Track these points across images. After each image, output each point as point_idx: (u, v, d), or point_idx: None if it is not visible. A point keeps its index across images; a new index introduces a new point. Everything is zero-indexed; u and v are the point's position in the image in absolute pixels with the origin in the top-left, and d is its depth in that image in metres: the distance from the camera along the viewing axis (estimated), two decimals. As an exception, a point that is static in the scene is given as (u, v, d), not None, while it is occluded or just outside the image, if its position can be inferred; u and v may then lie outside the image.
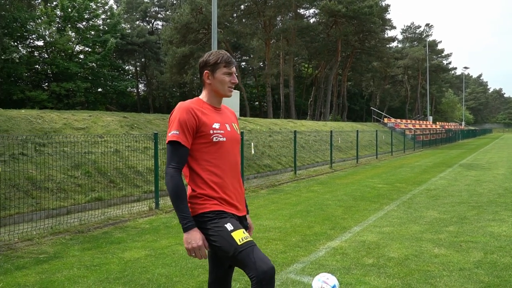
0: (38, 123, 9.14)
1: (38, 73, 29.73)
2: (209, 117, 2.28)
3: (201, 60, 2.38)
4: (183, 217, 2.12)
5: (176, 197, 2.12)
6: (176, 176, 2.15)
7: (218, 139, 2.26)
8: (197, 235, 2.12)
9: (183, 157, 2.20)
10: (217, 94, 2.36)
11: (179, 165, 2.18)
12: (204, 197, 2.23)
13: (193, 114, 2.22)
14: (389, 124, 37.57)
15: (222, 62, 2.31)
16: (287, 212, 7.50)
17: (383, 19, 41.85)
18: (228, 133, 2.33)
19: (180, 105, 2.28)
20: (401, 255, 4.82)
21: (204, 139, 2.25)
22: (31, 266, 4.56)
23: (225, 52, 2.36)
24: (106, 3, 33.72)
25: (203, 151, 2.26)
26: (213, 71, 2.32)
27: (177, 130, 2.19)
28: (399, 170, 14.86)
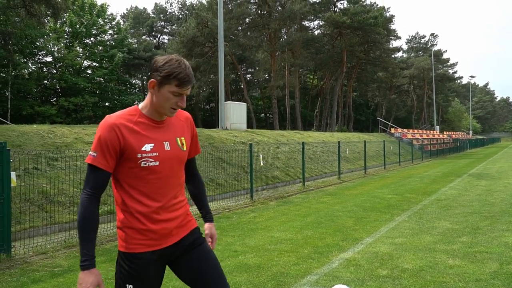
0: (49, 138, 9.25)
1: (47, 88, 30.15)
2: (139, 137, 1.91)
3: (155, 61, 1.94)
4: (83, 253, 1.82)
5: (81, 228, 1.83)
6: (87, 203, 1.84)
7: (148, 164, 1.91)
8: (90, 278, 1.82)
9: (100, 182, 1.88)
10: (156, 109, 1.96)
11: (94, 192, 1.86)
12: (126, 232, 1.93)
13: (118, 134, 1.87)
14: (396, 134, 37.49)
15: (176, 79, 1.87)
16: (297, 223, 7.49)
17: (387, 29, 42.06)
18: (164, 154, 1.96)
19: (104, 120, 1.91)
20: (415, 266, 4.80)
21: (130, 163, 1.91)
22: (46, 280, 4.60)
23: (186, 67, 1.91)
24: (114, 18, 34.26)
25: (129, 176, 1.92)
26: (161, 84, 1.89)
27: (95, 151, 1.86)
28: (408, 180, 14.80)
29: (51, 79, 30.03)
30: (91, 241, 1.85)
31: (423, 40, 68.21)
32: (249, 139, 15.76)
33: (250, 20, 38.10)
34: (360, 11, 37.06)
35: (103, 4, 32.17)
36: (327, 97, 43.75)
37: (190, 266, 2.05)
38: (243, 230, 7.00)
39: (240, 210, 9.08)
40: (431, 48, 63.88)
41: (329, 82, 44.56)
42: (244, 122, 19.44)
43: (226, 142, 14.33)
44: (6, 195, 5.38)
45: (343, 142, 19.65)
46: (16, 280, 4.58)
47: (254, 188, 11.07)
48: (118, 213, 1.97)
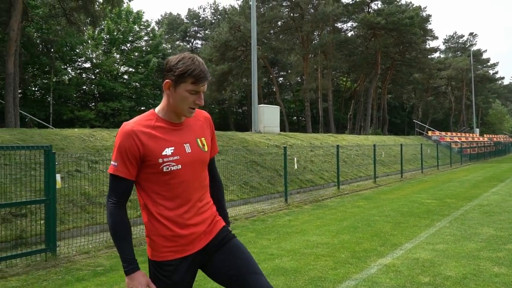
0: (90, 141, 9.56)
1: (86, 93, 31.18)
2: (159, 142, 1.88)
3: (168, 61, 1.89)
4: (124, 259, 1.84)
5: (116, 236, 1.85)
6: (115, 212, 1.86)
7: (170, 168, 1.87)
8: (140, 278, 1.84)
9: (124, 191, 1.88)
10: (174, 110, 1.92)
11: (120, 200, 1.87)
12: (155, 240, 1.93)
13: (136, 141, 1.84)
14: (433, 137, 36.47)
15: (191, 77, 1.83)
16: (333, 227, 7.41)
17: (424, 29, 41.02)
18: (185, 156, 1.92)
19: (122, 128, 1.88)
20: (458, 274, 4.65)
21: (152, 169, 1.88)
22: (89, 278, 4.74)
23: (200, 63, 1.86)
24: (149, 25, 35.07)
25: (152, 181, 1.90)
26: (176, 83, 1.85)
27: (116, 161, 1.85)
28: (447, 185, 14.37)
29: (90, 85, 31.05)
30: (128, 246, 1.86)
31: (462, 40, 66.16)
32: (282, 142, 15.73)
33: (283, 23, 38.09)
34: (395, 11, 36.37)
35: (139, 11, 33.03)
36: (361, 100, 43.11)
37: (222, 264, 1.99)
38: (279, 233, 6.99)
39: (275, 213, 9.08)
40: (470, 48, 61.86)
41: (363, 84, 43.91)
42: (277, 125, 19.43)
43: (259, 145, 14.37)
44: (52, 196, 5.60)
45: (378, 145, 19.28)
46: (61, 278, 4.76)
47: (288, 191, 11.03)
48: (145, 220, 1.95)
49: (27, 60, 23.65)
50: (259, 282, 1.94)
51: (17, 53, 15.93)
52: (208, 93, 40.65)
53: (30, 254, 5.40)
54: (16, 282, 4.63)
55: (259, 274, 1.98)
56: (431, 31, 43.26)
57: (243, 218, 8.44)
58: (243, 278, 1.94)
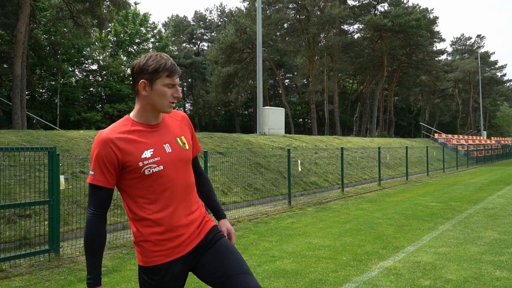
0: (95, 143, 9.64)
1: (93, 95, 31.40)
2: (136, 145, 1.85)
3: (136, 64, 1.88)
4: (88, 271, 1.82)
5: (87, 246, 1.82)
6: (93, 222, 1.82)
7: (152, 170, 1.85)
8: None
9: (103, 200, 1.84)
10: (153, 109, 1.90)
11: (99, 209, 1.83)
12: (143, 246, 1.90)
13: (112, 148, 1.81)
14: (440, 139, 36.28)
15: (165, 70, 1.84)
16: (336, 230, 7.40)
17: (431, 31, 40.85)
18: (166, 156, 1.90)
19: (98, 136, 1.85)
20: (459, 277, 4.63)
21: (134, 174, 1.85)
22: (92, 280, 4.78)
23: (168, 57, 1.88)
24: (155, 27, 35.26)
25: (136, 186, 1.87)
26: (151, 81, 1.84)
27: (94, 170, 1.82)
28: (452, 188, 14.29)
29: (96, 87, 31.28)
30: (97, 259, 1.83)
31: (469, 42, 65.69)
32: (287, 144, 15.74)
33: (289, 25, 38.12)
34: (401, 13, 36.26)
35: (146, 13, 33.21)
36: (367, 102, 42.99)
37: (211, 265, 1.96)
38: (281, 235, 7.00)
39: (278, 215, 9.08)
40: (478, 50, 61.45)
41: (369, 86, 43.80)
42: (282, 127, 19.45)
43: (264, 147, 14.39)
44: (56, 197, 5.66)
45: (383, 147, 19.24)
46: (64, 279, 4.80)
47: (292, 193, 11.04)
48: (132, 227, 1.92)
49: (34, 62, 23.87)
50: (247, 282, 1.91)
51: (24, 55, 16.10)
52: (214, 95, 40.84)
53: (34, 255, 5.46)
54: (20, 282, 4.68)
55: (247, 274, 1.94)
56: (438, 33, 43.14)
57: (246, 220, 8.45)
58: (231, 278, 1.91)
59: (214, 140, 13.54)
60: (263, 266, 5.17)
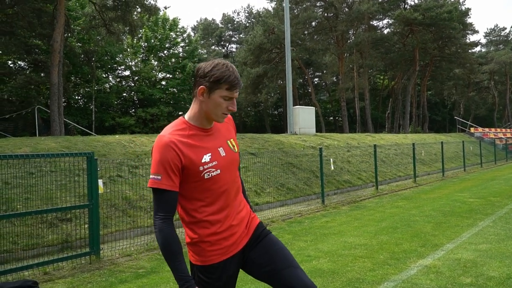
0: (130, 147, 9.88)
1: (126, 100, 32.19)
2: (196, 150, 1.88)
3: (201, 68, 1.90)
4: (180, 277, 1.79)
5: (168, 253, 1.80)
6: (165, 228, 1.81)
7: (211, 174, 1.88)
8: None
9: (171, 204, 1.84)
10: (207, 115, 1.92)
11: (168, 214, 1.83)
12: (201, 246, 1.94)
13: (176, 151, 1.82)
14: (476, 134, 35.11)
15: (226, 83, 1.85)
16: (372, 228, 7.30)
17: (463, 23, 39.58)
18: (222, 160, 1.94)
19: (159, 139, 1.85)
20: (502, 274, 4.49)
21: (193, 178, 1.88)
22: (132, 280, 4.92)
23: (233, 69, 1.88)
24: (185, 31, 35.78)
25: (194, 190, 1.90)
26: (211, 89, 1.86)
27: (158, 174, 1.81)
28: (491, 183, 13.81)
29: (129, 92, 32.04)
30: (181, 263, 1.80)
31: (504, 32, 63.10)
32: (318, 143, 15.64)
33: (317, 24, 37.84)
34: (432, 6, 35.30)
35: (175, 18, 33.75)
36: (399, 98, 42.10)
37: (260, 260, 2.01)
38: (316, 235, 6.97)
39: (312, 214, 9.05)
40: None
41: (400, 81, 42.87)
42: (313, 126, 19.33)
43: (295, 147, 14.35)
44: (95, 201, 5.85)
45: (418, 143, 18.79)
46: (105, 280, 4.96)
47: (325, 192, 10.96)
48: (186, 228, 1.95)
49: (69, 70, 24.71)
50: (296, 275, 1.96)
51: (60, 63, 16.71)
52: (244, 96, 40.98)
53: (76, 257, 5.64)
54: (63, 285, 4.86)
55: (296, 267, 1.99)
56: (471, 25, 41.71)
57: (280, 220, 8.46)
58: (280, 272, 1.96)
59: (245, 141, 13.62)
60: (298, 265, 5.17)
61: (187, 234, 1.97)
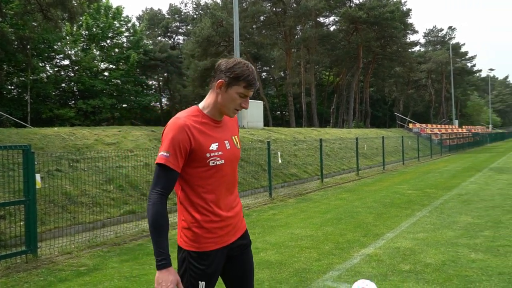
0: (71, 140, 9.42)
1: (65, 91, 30.66)
2: (206, 137, 1.97)
3: (223, 63, 2.00)
4: (159, 253, 1.83)
5: (155, 227, 1.84)
6: (159, 203, 1.86)
7: (215, 163, 1.98)
8: (170, 277, 1.84)
9: (170, 182, 1.90)
10: (220, 108, 2.02)
11: (165, 191, 1.88)
12: (195, 232, 1.98)
13: (189, 134, 1.91)
14: (414, 129, 36.99)
15: (244, 81, 1.96)
16: (317, 220, 7.48)
17: (404, 23, 41.45)
18: (226, 152, 2.04)
19: (175, 121, 1.94)
20: (437, 261, 4.76)
21: (199, 163, 1.95)
22: (73, 279, 4.70)
23: (253, 70, 2.00)
24: (129, 20, 34.64)
25: (197, 175, 1.97)
26: (229, 84, 1.96)
27: (168, 152, 1.88)
28: (427, 176, 14.62)
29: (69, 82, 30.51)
30: (165, 240, 1.85)
31: (441, 33, 66.98)
32: (266, 137, 15.77)
33: (265, 18, 38.00)
34: (376, 5, 36.64)
35: (119, 6, 32.56)
36: (344, 93, 43.43)
37: (235, 273, 2.14)
38: (263, 227, 7.03)
39: (260, 207, 9.11)
40: (449, 41, 62.72)
41: (345, 78, 44.23)
42: (261, 120, 19.46)
43: (243, 141, 14.37)
44: (32, 196, 5.51)
45: (360, 138, 19.48)
46: (43, 280, 4.70)
47: (273, 185, 11.08)
48: (184, 212, 2.00)
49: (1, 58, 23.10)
50: None
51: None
52: (191, 89, 40.50)
53: (10, 257, 5.28)
54: (-3, 284, 4.56)
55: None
56: (411, 25, 43.77)
57: (227, 213, 8.44)
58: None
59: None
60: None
61: (184, 219, 2.01)
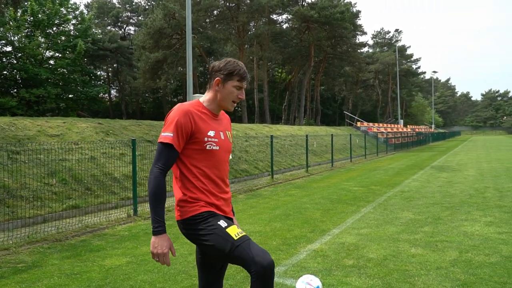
0: (11, 131, 8.91)
1: (7, 79, 28.86)
2: (206, 124, 2.26)
3: (216, 64, 2.35)
4: (156, 220, 2.10)
5: (155, 198, 2.10)
6: (160, 177, 2.13)
7: (212, 147, 2.26)
8: (165, 242, 2.12)
9: (171, 160, 2.18)
10: (219, 103, 2.34)
11: (166, 167, 2.15)
12: (195, 201, 2.22)
13: (191, 118, 2.20)
14: (362, 128, 38.28)
15: (237, 75, 2.30)
16: (266, 216, 7.57)
17: (354, 24, 42.68)
18: (221, 141, 2.32)
19: (179, 107, 2.25)
20: (379, 255, 4.96)
21: (197, 146, 2.23)
22: (9, 276, 4.46)
23: (242, 65, 2.34)
24: (77, 8, 33.11)
25: (195, 157, 2.24)
26: (225, 80, 2.29)
27: (172, 132, 2.16)
28: (373, 173, 15.18)
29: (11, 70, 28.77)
30: (162, 209, 2.13)
31: (388, 35, 69.61)
32: (217, 132, 15.69)
33: (218, 13, 37.75)
34: (327, 5, 37.42)
35: (66, -8, 31.05)
36: (295, 91, 44.09)
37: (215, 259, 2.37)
38: (212, 223, 6.99)
39: (209, 203, 9.06)
40: (396, 43, 65.34)
41: (297, 76, 44.90)
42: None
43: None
44: (-35, 190, 5.17)
45: (310, 135, 19.91)
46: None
47: (223, 181, 11.05)
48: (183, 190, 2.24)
49: None
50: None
51: None
52: (142, 81, 39.50)
53: None
54: None
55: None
56: (360, 27, 45.13)
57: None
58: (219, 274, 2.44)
59: (142, 128, 13.14)
60: (194, 254, 5.14)
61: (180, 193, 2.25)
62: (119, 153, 10.20)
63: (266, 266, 2.06)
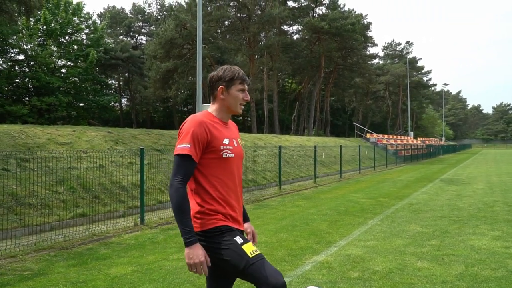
0: (21, 138, 9.04)
1: (19, 87, 29.35)
2: (219, 132, 2.30)
3: (214, 74, 2.38)
4: (186, 231, 2.10)
5: (180, 210, 2.11)
6: (182, 189, 2.13)
7: (228, 155, 2.28)
8: (199, 251, 2.11)
9: (190, 171, 2.19)
10: (228, 110, 2.38)
11: (186, 178, 2.16)
12: (213, 213, 2.23)
13: (206, 128, 2.23)
14: (371, 139, 38.09)
15: (238, 79, 2.35)
16: (272, 226, 7.54)
17: (365, 36, 42.72)
18: (235, 149, 2.35)
19: (193, 118, 2.28)
20: (385, 268, 4.91)
21: (214, 155, 2.26)
22: (15, 283, 4.50)
23: (239, 69, 2.39)
24: (90, 17, 33.68)
25: (212, 166, 2.26)
26: (228, 87, 2.34)
27: (189, 143, 2.18)
28: (382, 185, 15.07)
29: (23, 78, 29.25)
30: (190, 220, 2.12)
31: (399, 47, 69.63)
32: (226, 142, 15.73)
33: (229, 23, 38.09)
34: (338, 17, 37.55)
35: (79, 2, 31.56)
36: (305, 102, 44.11)
37: None
38: (218, 233, 6.99)
39: (216, 213, 9.06)
40: (407, 55, 65.18)
41: (307, 86, 44.95)
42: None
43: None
44: (-26, 196, 5.25)
45: (319, 146, 19.85)
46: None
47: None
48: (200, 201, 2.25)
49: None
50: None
51: None
52: (152, 90, 39.83)
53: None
54: None
55: None
56: (371, 38, 45.17)
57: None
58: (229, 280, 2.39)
59: (151, 137, 13.24)
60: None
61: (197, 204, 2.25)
62: (128, 161, 10.27)
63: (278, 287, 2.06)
